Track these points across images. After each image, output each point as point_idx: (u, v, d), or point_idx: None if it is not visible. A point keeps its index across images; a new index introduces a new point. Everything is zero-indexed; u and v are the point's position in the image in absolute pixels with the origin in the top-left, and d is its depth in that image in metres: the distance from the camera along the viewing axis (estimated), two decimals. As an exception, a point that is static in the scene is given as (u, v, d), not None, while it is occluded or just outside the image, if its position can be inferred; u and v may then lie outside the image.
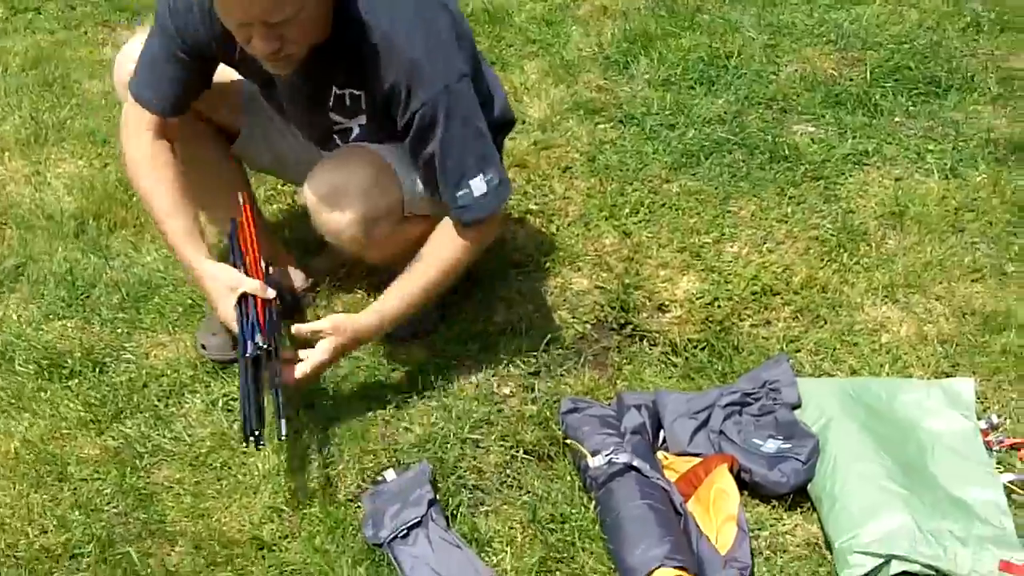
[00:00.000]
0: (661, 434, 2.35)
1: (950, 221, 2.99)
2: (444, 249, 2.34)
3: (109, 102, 3.80)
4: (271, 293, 2.27)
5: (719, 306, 2.73)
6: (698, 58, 3.79)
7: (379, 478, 2.29)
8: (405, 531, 2.13)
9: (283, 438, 2.10)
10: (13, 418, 2.50)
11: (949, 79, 3.62)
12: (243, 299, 2.25)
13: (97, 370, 2.62)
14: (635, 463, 2.17)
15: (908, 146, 3.31)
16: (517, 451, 2.37)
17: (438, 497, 2.21)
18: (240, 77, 2.47)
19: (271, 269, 2.44)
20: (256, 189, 2.94)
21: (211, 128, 2.62)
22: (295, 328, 2.29)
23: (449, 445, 2.37)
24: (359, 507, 2.24)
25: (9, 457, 2.40)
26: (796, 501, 2.21)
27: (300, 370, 2.26)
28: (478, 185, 2.28)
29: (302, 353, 2.29)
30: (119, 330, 2.75)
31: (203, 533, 2.20)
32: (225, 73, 2.44)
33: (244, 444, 2.11)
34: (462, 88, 2.23)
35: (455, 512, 2.21)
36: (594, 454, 2.21)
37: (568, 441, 2.29)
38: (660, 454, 2.31)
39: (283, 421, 2.09)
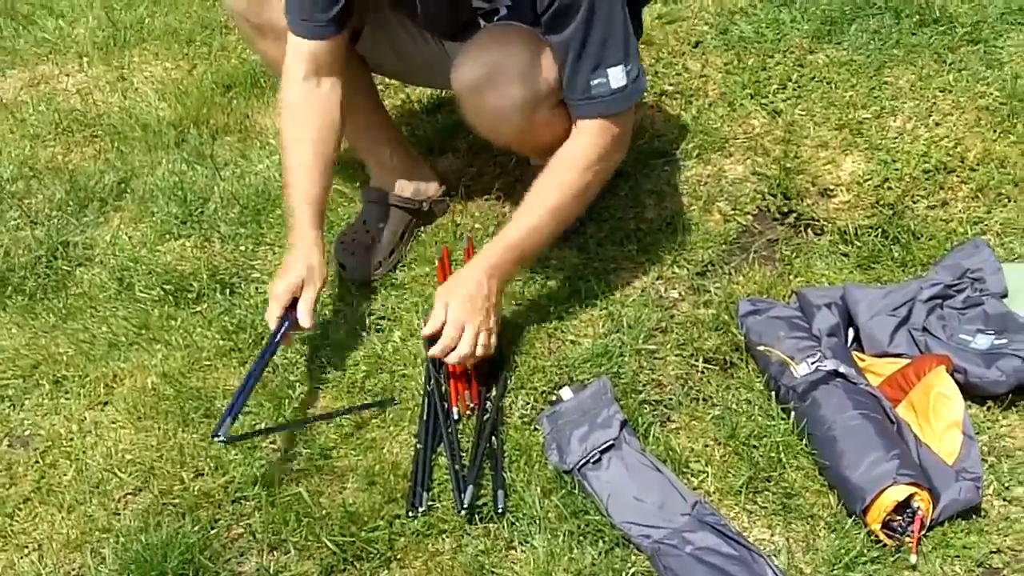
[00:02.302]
0: (851, 333, 2.16)
1: None
2: (572, 158, 2.12)
3: (187, -3, 3.57)
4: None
5: (889, 188, 2.51)
6: (820, -85, 3.48)
7: (554, 397, 2.11)
8: (597, 456, 1.96)
9: (499, 510, 1.92)
10: (145, 350, 2.32)
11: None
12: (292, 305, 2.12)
13: (227, 292, 2.43)
14: (841, 369, 1.99)
15: (1066, 0, 3.03)
16: (697, 360, 2.18)
17: (624, 417, 2.04)
18: None
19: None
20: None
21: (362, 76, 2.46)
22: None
23: (624, 358, 2.17)
24: (536, 429, 2.06)
25: (147, 393, 2.23)
26: (1012, 400, 2.02)
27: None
28: (617, 75, 2.06)
29: None
30: (242, 247, 2.56)
31: (375, 467, 2.02)
32: None
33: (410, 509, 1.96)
34: None
35: (645, 433, 2.03)
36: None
37: (761, 348, 2.09)
38: (855, 355, 2.11)
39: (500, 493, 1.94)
